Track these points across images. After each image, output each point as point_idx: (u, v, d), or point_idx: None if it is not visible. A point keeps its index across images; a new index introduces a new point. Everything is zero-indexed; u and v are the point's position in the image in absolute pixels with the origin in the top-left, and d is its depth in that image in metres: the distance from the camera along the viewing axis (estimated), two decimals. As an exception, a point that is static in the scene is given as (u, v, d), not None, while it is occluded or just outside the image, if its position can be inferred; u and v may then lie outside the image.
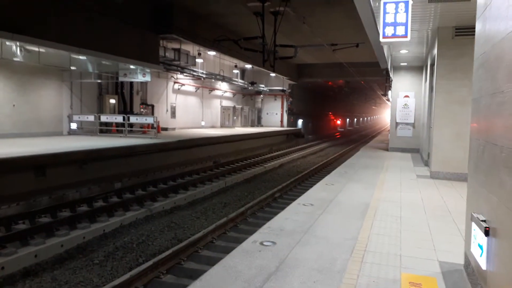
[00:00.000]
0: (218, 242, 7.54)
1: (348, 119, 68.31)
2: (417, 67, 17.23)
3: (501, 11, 2.96)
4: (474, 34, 4.00)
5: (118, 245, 7.44)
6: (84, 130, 17.55)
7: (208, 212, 9.98)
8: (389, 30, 7.22)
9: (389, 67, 15.99)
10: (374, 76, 29.18)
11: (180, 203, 10.76)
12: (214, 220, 9.04)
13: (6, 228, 7.50)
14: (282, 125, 35.85)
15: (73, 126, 17.02)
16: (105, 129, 17.77)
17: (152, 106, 22.16)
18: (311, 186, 8.98)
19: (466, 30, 9.54)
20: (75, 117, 16.95)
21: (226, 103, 31.73)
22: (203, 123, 28.26)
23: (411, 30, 7.24)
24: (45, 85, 15.74)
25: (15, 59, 12.62)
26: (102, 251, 7.13)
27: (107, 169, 12.01)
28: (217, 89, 29.77)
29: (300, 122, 39.53)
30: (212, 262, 5.84)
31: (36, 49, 12.51)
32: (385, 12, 7.13)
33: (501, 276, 2.73)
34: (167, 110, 23.91)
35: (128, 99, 19.66)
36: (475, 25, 3.94)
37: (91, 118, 16.87)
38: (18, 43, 11.95)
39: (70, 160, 10.73)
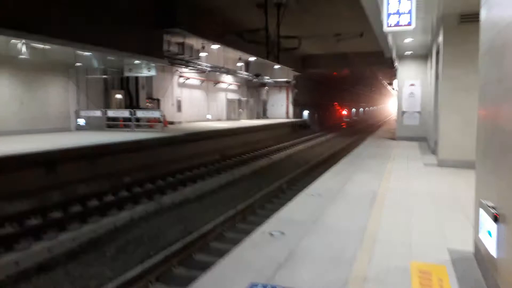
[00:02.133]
0: (228, 234, 7.61)
1: (353, 109, 68.05)
2: (422, 56, 17.10)
3: (507, -3, 2.95)
4: (479, 21, 3.98)
5: (129, 238, 7.54)
6: (91, 125, 17.66)
7: (217, 205, 10.05)
8: (393, 19, 7.19)
9: (394, 56, 15.89)
10: (379, 66, 29.05)
11: (189, 196, 10.85)
12: (223, 213, 9.11)
13: (19, 223, 7.62)
14: (287, 117, 35.80)
15: (80, 121, 17.14)
16: (112, 124, 17.88)
17: (158, 100, 22.22)
18: (319, 177, 9.01)
19: (471, 17, 9.44)
20: (82, 113, 17.06)
21: (231, 95, 31.72)
22: (209, 116, 28.31)
23: (415, 19, 7.19)
24: (51, 82, 15.84)
25: (21, 56, 12.70)
26: (113, 245, 7.23)
27: (116, 163, 12.11)
28: (222, 82, 29.76)
29: (305, 113, 39.45)
30: (222, 253, 5.90)
31: (41, 46, 12.57)
32: (388, 1, 7.09)
33: None
34: (172, 104, 23.97)
35: (134, 93, 19.74)
36: (480, 12, 3.92)
37: (98, 113, 16.97)
38: (23, 41, 12.02)
39: (79, 155, 10.84)
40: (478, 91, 3.98)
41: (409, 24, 7.11)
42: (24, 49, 12.63)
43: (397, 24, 7.18)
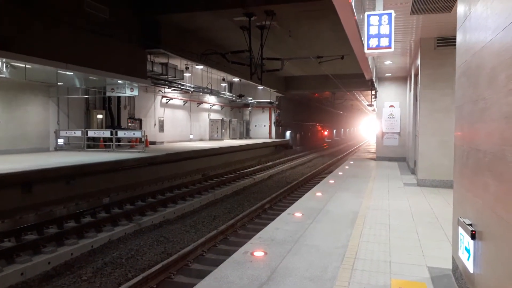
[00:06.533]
0: (209, 255, 7.49)
1: (335, 130, 68.82)
2: (402, 78, 17.54)
3: (480, 21, 3.07)
4: (455, 44, 4.12)
5: (107, 260, 7.34)
6: (71, 145, 17.38)
7: (198, 225, 9.92)
8: (373, 42, 7.35)
9: (374, 78, 16.25)
10: (359, 87, 29.56)
11: (169, 217, 10.68)
12: (204, 233, 8.98)
13: (-8, 246, 7.35)
14: (270, 137, 35.96)
15: (60, 141, 16.84)
16: (92, 144, 17.63)
17: (140, 120, 22.08)
18: (301, 197, 9.01)
19: (448, 41, 9.78)
20: (62, 133, 16.78)
21: (215, 116, 31.77)
22: (191, 136, 28.21)
23: (394, 42, 7.40)
24: (32, 101, 15.60)
25: (1, 75, 12.50)
26: (90, 267, 7.02)
27: (94, 184, 11.89)
28: (205, 102, 29.82)
29: (288, 133, 39.71)
30: (202, 275, 5.79)
31: (22, 65, 12.41)
32: (369, 24, 7.27)
33: (488, 278, 2.78)
34: (155, 124, 23.84)
35: (116, 113, 19.57)
36: (456, 36, 4.06)
37: (78, 133, 16.73)
38: (3, 60, 11.85)
39: (57, 176, 10.61)
40: (454, 112, 4.09)
41: (388, 46, 7.28)
42: (4, 68, 12.44)
43: (377, 47, 7.35)
